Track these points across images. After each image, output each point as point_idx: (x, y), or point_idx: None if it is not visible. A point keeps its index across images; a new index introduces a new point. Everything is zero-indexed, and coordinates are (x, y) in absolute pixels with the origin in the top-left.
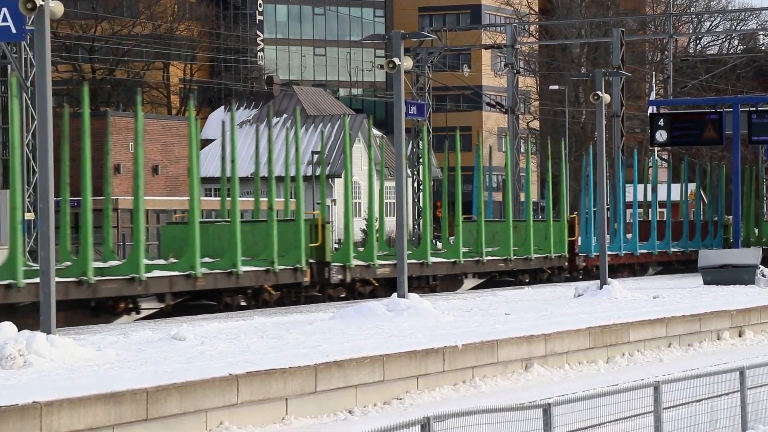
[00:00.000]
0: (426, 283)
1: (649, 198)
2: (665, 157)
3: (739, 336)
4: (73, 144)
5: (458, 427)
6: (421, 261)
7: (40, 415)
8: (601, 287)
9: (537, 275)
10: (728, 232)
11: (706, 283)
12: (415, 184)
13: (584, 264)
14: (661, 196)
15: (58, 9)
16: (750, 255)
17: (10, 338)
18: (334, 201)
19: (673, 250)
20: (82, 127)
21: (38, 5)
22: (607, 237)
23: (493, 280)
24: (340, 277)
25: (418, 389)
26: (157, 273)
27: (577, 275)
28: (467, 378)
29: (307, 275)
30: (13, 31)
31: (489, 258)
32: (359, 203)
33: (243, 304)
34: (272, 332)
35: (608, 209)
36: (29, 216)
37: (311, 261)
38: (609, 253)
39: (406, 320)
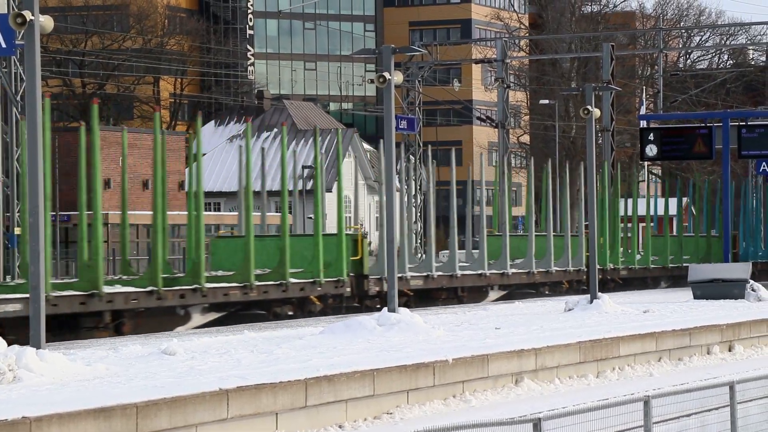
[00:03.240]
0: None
1: (641, 212)
2: (656, 171)
3: (729, 350)
4: (62, 159)
5: None
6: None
7: (30, 430)
8: (591, 301)
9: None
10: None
11: (696, 297)
12: (405, 198)
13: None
14: (651, 210)
15: (48, 23)
16: (740, 269)
17: None
18: (325, 215)
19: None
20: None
21: (28, 20)
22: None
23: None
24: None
25: (409, 403)
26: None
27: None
28: (457, 392)
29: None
30: (3, 45)
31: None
32: (350, 217)
33: (290, 313)
34: (262, 347)
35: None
36: (19, 231)
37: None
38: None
39: (396, 334)
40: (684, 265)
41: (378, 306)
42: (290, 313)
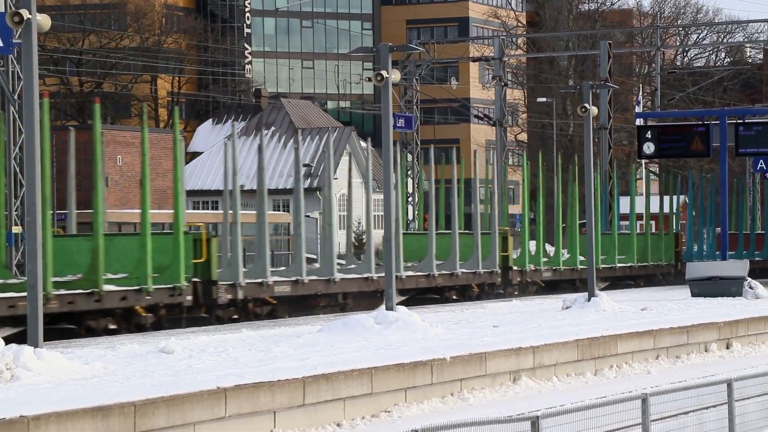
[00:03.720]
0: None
1: (640, 210)
2: (653, 169)
3: (727, 348)
4: (59, 158)
5: None
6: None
7: (28, 429)
8: (589, 299)
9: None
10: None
11: (693, 295)
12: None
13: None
14: (651, 208)
15: (46, 22)
16: (737, 267)
17: None
18: (321, 214)
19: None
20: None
21: (25, 18)
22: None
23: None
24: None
25: (407, 402)
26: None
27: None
28: (455, 390)
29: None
30: (0, 44)
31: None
32: (344, 216)
33: (111, 327)
34: (260, 345)
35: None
36: (17, 229)
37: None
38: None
39: (394, 333)
40: (618, 265)
41: (236, 317)
42: (111, 327)
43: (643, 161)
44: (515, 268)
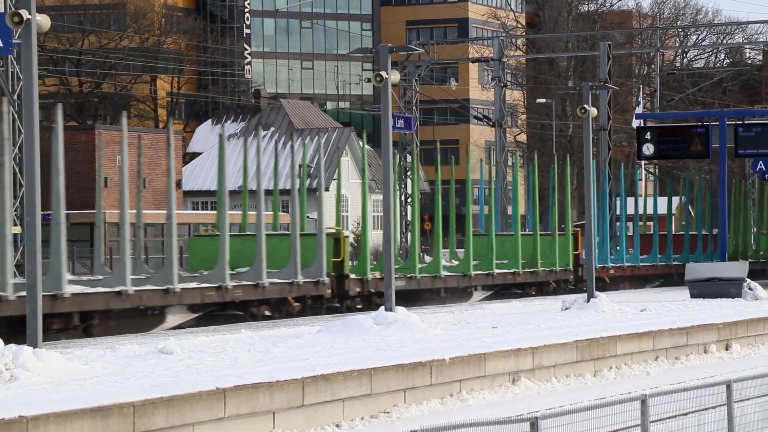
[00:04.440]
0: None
1: (638, 211)
2: (652, 170)
3: (726, 349)
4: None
5: None
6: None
7: (27, 429)
8: (588, 300)
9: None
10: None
11: (693, 296)
12: (403, 197)
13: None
14: (648, 209)
15: (45, 22)
16: (737, 268)
17: None
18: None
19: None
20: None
21: (25, 19)
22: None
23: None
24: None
25: (406, 402)
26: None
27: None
28: (454, 391)
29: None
30: (0, 44)
31: (498, 271)
32: (347, 216)
33: (267, 314)
34: (259, 346)
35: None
36: (16, 230)
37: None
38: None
39: (393, 333)
40: (497, 272)
41: (359, 306)
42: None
43: (642, 162)
44: (353, 276)
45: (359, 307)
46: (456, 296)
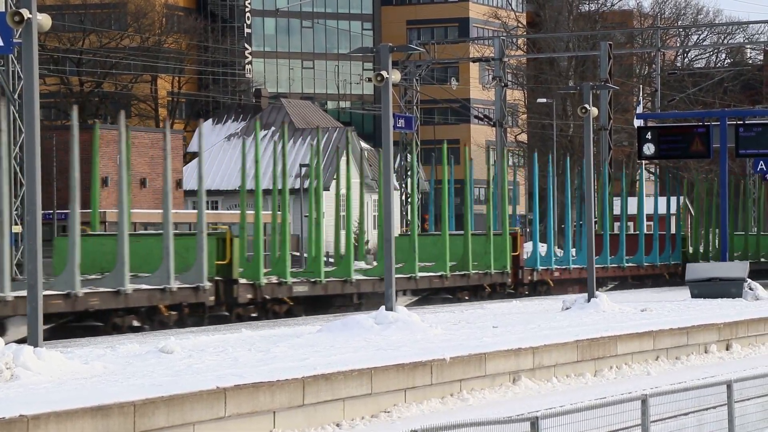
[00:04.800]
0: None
1: (635, 211)
2: (652, 170)
3: (727, 349)
4: (62, 157)
5: None
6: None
7: (27, 429)
8: (588, 300)
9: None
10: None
11: (693, 296)
12: (403, 197)
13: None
14: (649, 209)
15: (46, 22)
16: (737, 268)
17: None
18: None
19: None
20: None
21: (26, 18)
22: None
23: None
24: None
25: (406, 402)
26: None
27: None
28: (455, 391)
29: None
30: (1, 44)
31: (422, 274)
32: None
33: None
34: (260, 345)
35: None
36: (17, 229)
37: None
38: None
39: (393, 333)
40: (420, 275)
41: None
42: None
43: (643, 162)
44: (243, 281)
45: (254, 315)
46: (374, 302)
